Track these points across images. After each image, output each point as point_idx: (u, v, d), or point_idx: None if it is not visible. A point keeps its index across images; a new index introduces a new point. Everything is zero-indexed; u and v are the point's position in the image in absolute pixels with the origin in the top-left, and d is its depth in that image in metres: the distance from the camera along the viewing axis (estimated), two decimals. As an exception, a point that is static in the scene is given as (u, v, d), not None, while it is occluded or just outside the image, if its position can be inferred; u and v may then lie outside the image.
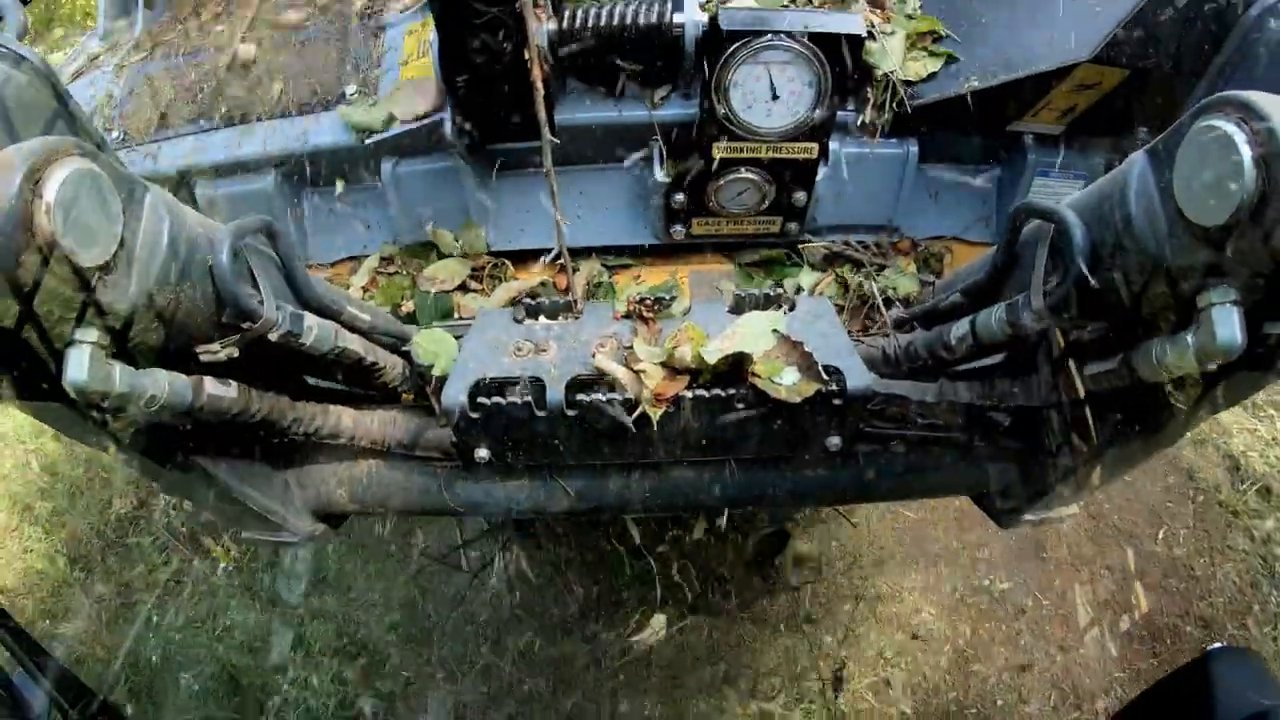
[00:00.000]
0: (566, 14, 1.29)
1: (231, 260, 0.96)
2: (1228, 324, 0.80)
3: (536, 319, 1.25)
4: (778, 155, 1.41)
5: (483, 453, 1.22)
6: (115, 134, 1.64)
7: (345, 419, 1.34)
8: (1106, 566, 2.92)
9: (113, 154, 1.19)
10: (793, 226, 1.55)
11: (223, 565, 2.99)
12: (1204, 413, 1.08)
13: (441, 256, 1.57)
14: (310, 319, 1.10)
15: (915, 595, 2.85)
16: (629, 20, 1.30)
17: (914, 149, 1.50)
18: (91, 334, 0.86)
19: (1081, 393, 1.07)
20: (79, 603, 2.95)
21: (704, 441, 1.19)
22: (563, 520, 2.62)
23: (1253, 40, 1.01)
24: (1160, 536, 3.00)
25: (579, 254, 1.57)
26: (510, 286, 1.52)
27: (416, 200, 1.55)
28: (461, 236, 1.57)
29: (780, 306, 1.22)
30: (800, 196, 1.48)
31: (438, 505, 1.42)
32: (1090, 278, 0.93)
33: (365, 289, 1.58)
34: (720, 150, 1.39)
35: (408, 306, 1.56)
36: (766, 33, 1.27)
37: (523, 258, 1.59)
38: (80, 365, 0.84)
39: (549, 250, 1.49)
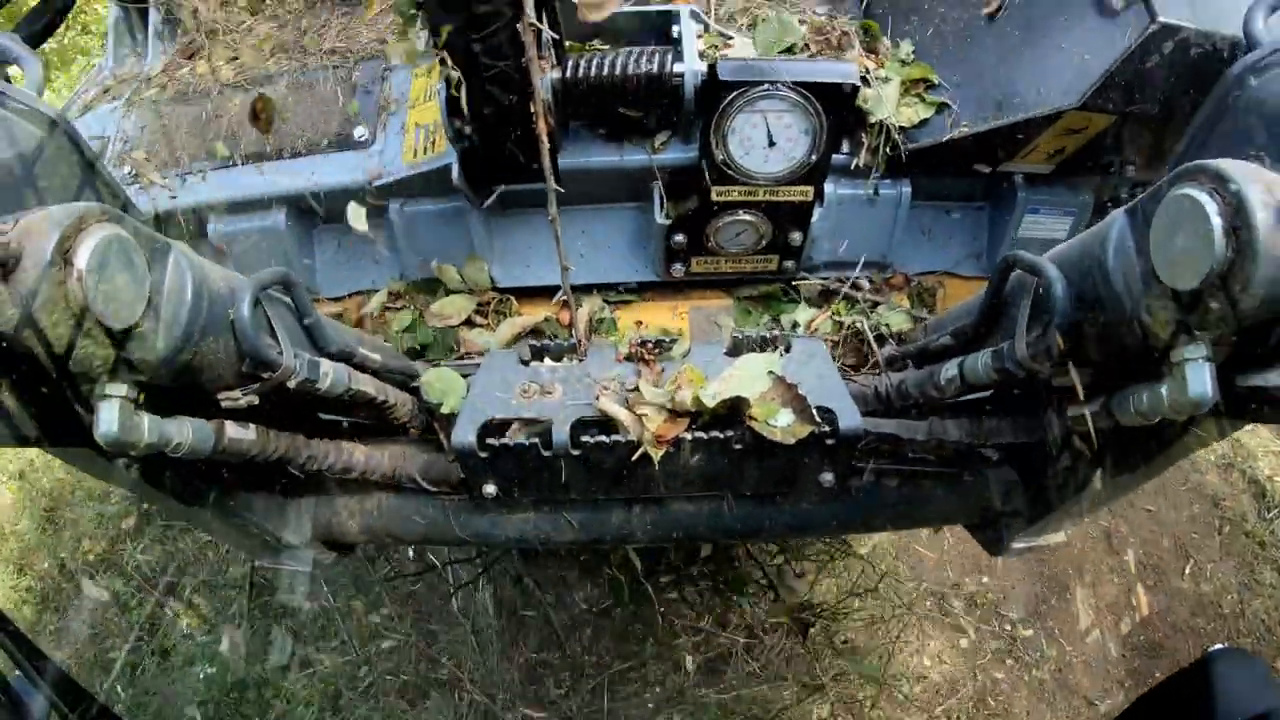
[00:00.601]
0: (570, 63, 1.34)
1: (252, 313, 1.01)
2: (1199, 380, 0.85)
3: (542, 360, 1.30)
4: (774, 198, 1.45)
5: (490, 489, 1.26)
6: (127, 169, 1.67)
7: (357, 455, 1.38)
8: (1132, 606, 2.89)
9: (136, 210, 1.24)
10: (789, 264, 1.59)
11: (184, 624, 2.91)
12: (1186, 450, 1.13)
13: (448, 292, 1.61)
14: (325, 364, 1.15)
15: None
16: (631, 70, 1.33)
17: (907, 190, 1.55)
18: (120, 388, 0.91)
19: (1064, 431, 1.12)
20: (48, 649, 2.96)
21: (703, 478, 1.24)
22: (566, 550, 2.64)
23: (1234, 98, 1.05)
24: (1187, 571, 2.95)
25: (581, 290, 1.61)
26: (515, 322, 1.56)
27: (423, 239, 1.59)
28: (465, 272, 1.62)
29: (776, 348, 1.26)
30: (796, 236, 1.52)
31: (446, 536, 1.46)
32: (1069, 330, 0.97)
33: (374, 323, 1.63)
34: (718, 194, 1.43)
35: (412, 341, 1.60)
36: (763, 83, 1.31)
37: (528, 293, 1.63)
38: (111, 418, 0.89)
39: (553, 286, 1.56)
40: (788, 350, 1.28)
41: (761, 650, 2.75)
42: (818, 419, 1.13)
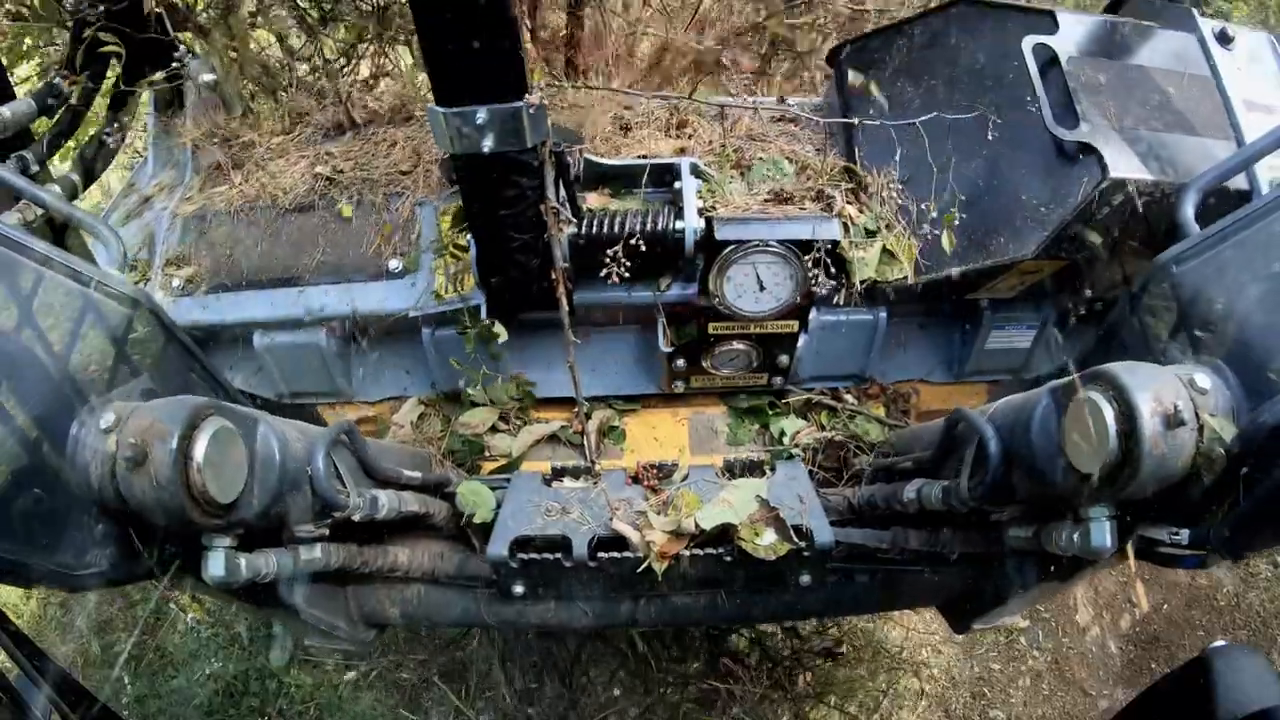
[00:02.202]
0: (585, 221, 1.52)
1: (326, 466, 1.22)
2: (1100, 534, 1.06)
3: (562, 480, 1.52)
4: (764, 330, 1.66)
5: (519, 589, 1.48)
6: (177, 283, 1.80)
7: (401, 557, 1.60)
8: (1131, 600, 2.94)
9: (228, 386, 1.43)
10: (778, 380, 1.80)
11: (191, 616, 2.96)
12: (1106, 567, 1.34)
13: (474, 404, 1.83)
14: (381, 497, 1.36)
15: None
16: (639, 227, 1.52)
17: (884, 315, 1.73)
18: (225, 540, 1.13)
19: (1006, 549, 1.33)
20: (52, 646, 2.96)
21: (700, 580, 1.46)
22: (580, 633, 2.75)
23: (1159, 283, 1.19)
24: (1182, 565, 3.08)
25: (593, 400, 1.83)
26: (533, 430, 1.80)
27: (452, 355, 1.77)
28: (489, 391, 1.81)
29: (763, 473, 1.49)
30: (784, 359, 1.72)
31: (476, 621, 1.68)
32: (1002, 478, 1.17)
33: (411, 429, 1.84)
34: (715, 328, 1.65)
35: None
36: (755, 242, 1.52)
37: (546, 403, 1.85)
38: (218, 565, 1.12)
39: (570, 398, 1.74)
40: (773, 471, 1.50)
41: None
42: (795, 538, 1.35)
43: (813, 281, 1.55)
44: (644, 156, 1.70)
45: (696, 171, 1.64)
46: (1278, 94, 1.60)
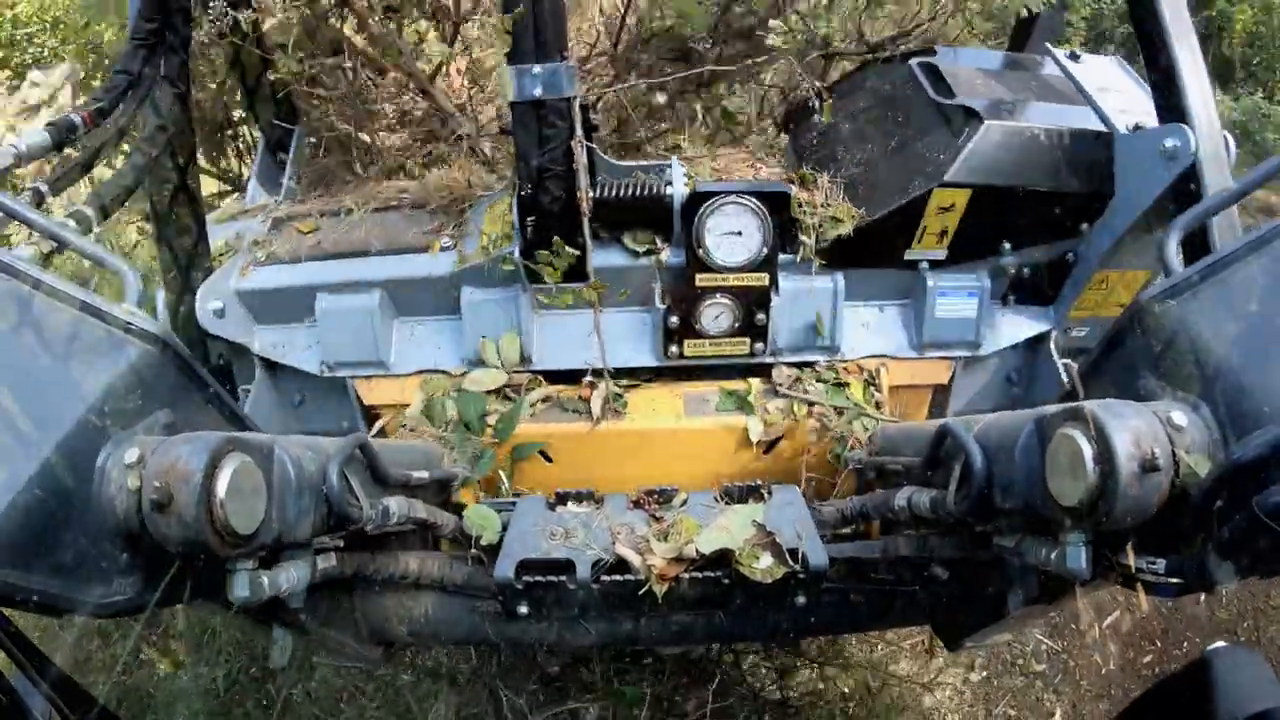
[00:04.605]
0: (600, 185, 1.85)
1: (339, 482, 1.27)
2: (1076, 558, 1.11)
3: (566, 505, 1.57)
4: (741, 284, 1.91)
5: (524, 609, 1.53)
6: (262, 255, 2.10)
7: (412, 564, 1.66)
8: (1131, 603, 2.99)
9: (241, 412, 1.49)
10: (759, 346, 2.00)
11: (162, 669, 2.93)
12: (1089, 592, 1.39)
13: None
14: (393, 505, 1.41)
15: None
16: (640, 191, 1.86)
17: (840, 279, 1.98)
18: (249, 563, 1.18)
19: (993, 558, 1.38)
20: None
21: (699, 601, 1.51)
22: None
23: (1142, 321, 1.25)
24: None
25: (598, 374, 1.98)
26: (537, 393, 1.98)
27: (484, 320, 2.00)
28: (501, 345, 2.00)
29: (760, 498, 1.54)
30: (761, 317, 1.95)
31: (482, 639, 1.73)
32: (987, 493, 1.22)
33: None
34: (701, 280, 1.90)
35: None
36: (728, 192, 1.83)
37: (553, 378, 2.03)
38: (243, 586, 1.17)
39: (577, 371, 2.00)
40: (769, 495, 1.55)
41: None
42: (790, 562, 1.40)
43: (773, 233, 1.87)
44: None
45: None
46: (1123, 86, 2.04)
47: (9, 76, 5.80)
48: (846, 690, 2.85)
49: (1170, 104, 1.70)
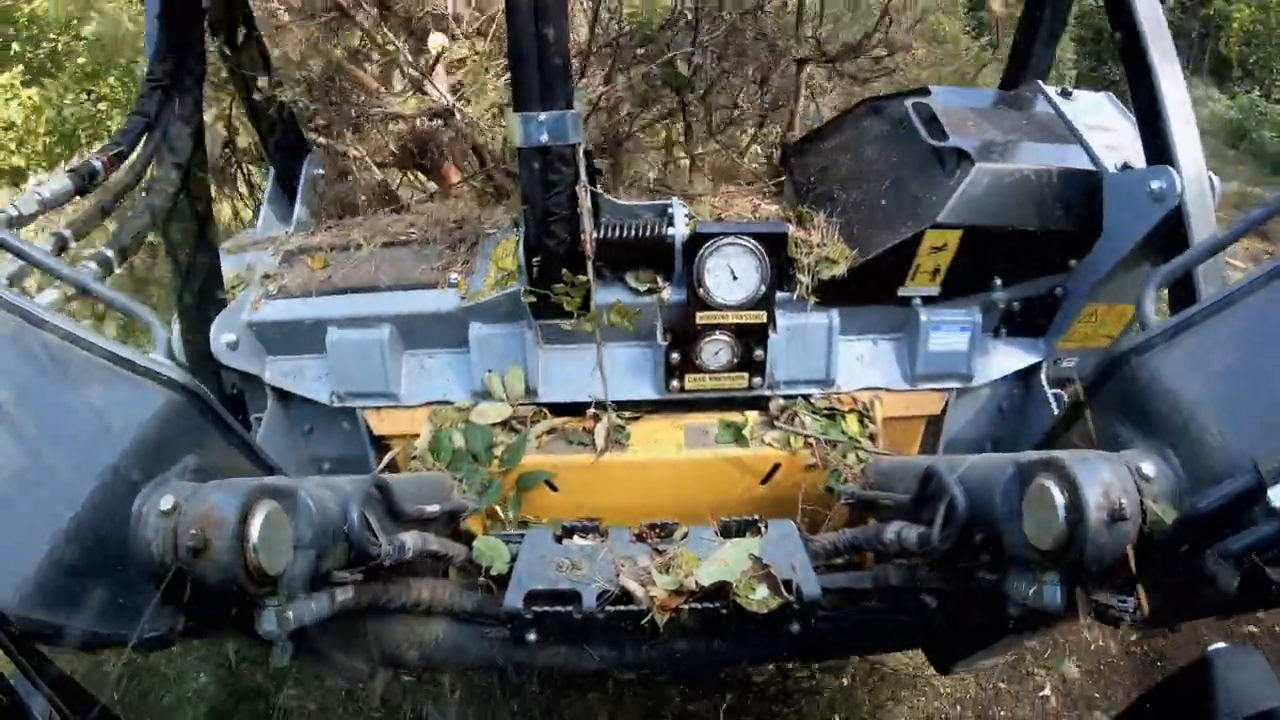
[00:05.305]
0: (603, 225, 1.92)
1: (360, 520, 1.34)
2: (1052, 595, 1.18)
3: (572, 538, 1.64)
4: (740, 321, 1.99)
5: (532, 636, 1.60)
6: (274, 288, 2.18)
7: (424, 592, 1.72)
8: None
9: (262, 453, 1.56)
10: (757, 380, 2.07)
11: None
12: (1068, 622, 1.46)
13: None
14: (408, 540, 1.48)
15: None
16: (642, 233, 1.94)
17: (835, 315, 2.07)
18: (276, 600, 1.24)
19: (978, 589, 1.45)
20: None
21: (699, 628, 1.58)
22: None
23: (1119, 372, 1.32)
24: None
25: (601, 406, 2.04)
26: (542, 425, 2.05)
27: (491, 354, 2.07)
28: (507, 380, 2.07)
29: (757, 532, 1.61)
30: (759, 354, 2.03)
31: (490, 664, 1.80)
32: (969, 531, 1.30)
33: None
34: (701, 318, 1.98)
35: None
36: (727, 234, 1.91)
37: (558, 410, 2.10)
38: (270, 621, 1.23)
39: (581, 403, 2.08)
40: (765, 529, 1.62)
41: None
42: (785, 593, 1.47)
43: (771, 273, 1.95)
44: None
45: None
46: (1113, 123, 2.12)
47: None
48: (845, 684, 2.90)
49: (1157, 146, 1.78)
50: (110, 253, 1.84)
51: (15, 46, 6.30)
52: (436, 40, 2.30)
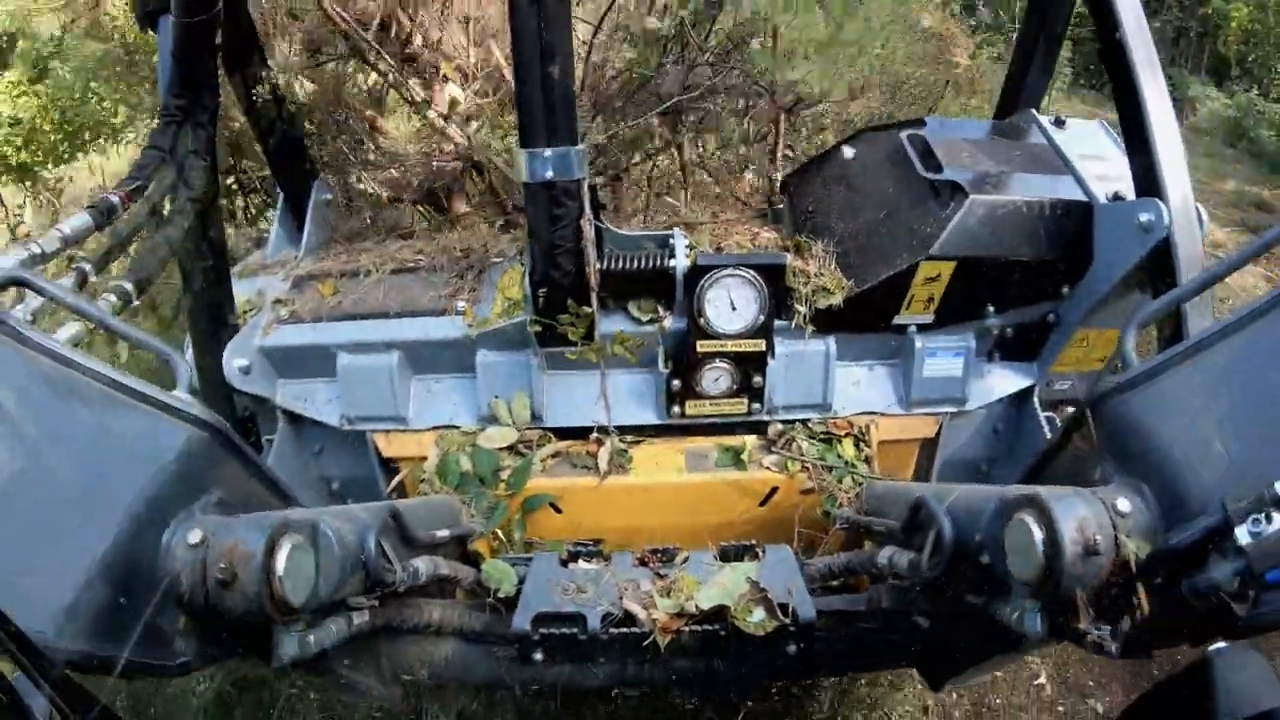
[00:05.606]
0: (606, 257, 1.98)
1: (375, 549, 1.40)
2: (1033, 622, 1.24)
3: (577, 562, 1.70)
4: (739, 349, 2.04)
5: (538, 656, 1.66)
6: (285, 313, 2.24)
7: (435, 613, 1.78)
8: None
9: (288, 489, 1.62)
10: (756, 406, 2.13)
11: None
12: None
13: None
14: (421, 566, 1.54)
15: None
16: (644, 264, 2.00)
17: (832, 343, 2.12)
18: (298, 626, 1.30)
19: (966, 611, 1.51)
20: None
21: (699, 649, 1.64)
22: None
23: (1098, 412, 1.38)
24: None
25: (604, 431, 2.12)
26: (547, 449, 2.11)
27: (497, 381, 2.12)
28: (513, 406, 2.13)
29: (755, 557, 1.67)
30: (758, 380, 2.08)
31: (498, 681, 1.86)
32: (956, 559, 1.36)
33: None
34: (701, 347, 2.04)
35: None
36: (726, 265, 1.97)
37: (562, 434, 2.15)
38: (291, 646, 1.29)
39: (584, 428, 2.14)
40: (763, 554, 1.68)
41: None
42: (781, 616, 1.53)
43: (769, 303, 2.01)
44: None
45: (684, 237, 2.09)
46: (1105, 152, 2.17)
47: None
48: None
49: (1147, 178, 1.83)
50: (129, 285, 1.90)
51: (20, 44, 6.35)
52: (452, 92, 2.37)
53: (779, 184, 2.59)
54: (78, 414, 1.23)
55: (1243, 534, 1.04)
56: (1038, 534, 1.13)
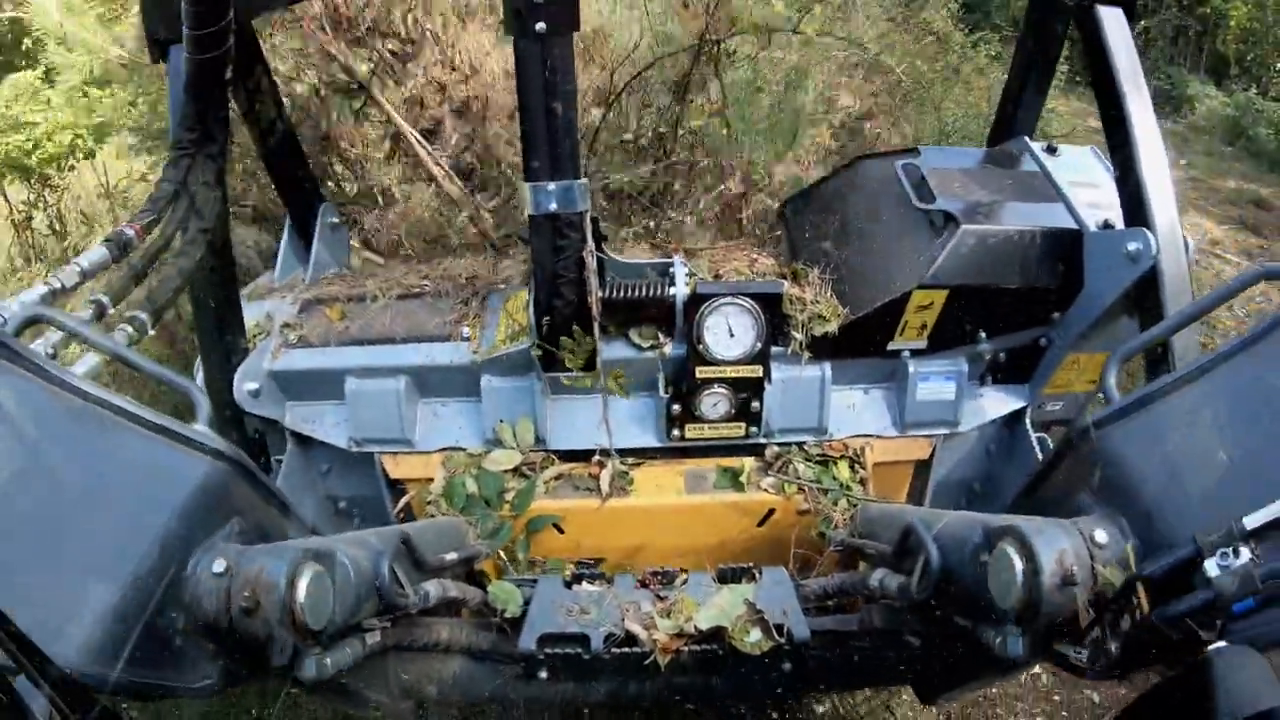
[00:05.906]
0: (608, 284, 2.04)
1: (389, 575, 1.46)
2: (1015, 646, 1.30)
3: (581, 584, 1.76)
4: (737, 375, 2.10)
5: (543, 674, 1.73)
6: (293, 337, 2.28)
7: (444, 632, 1.84)
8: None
9: (298, 517, 1.67)
10: (753, 430, 2.18)
11: None
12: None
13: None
14: (432, 589, 1.60)
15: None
16: (645, 292, 2.06)
17: (827, 368, 2.17)
18: (317, 649, 1.36)
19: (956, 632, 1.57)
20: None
21: (698, 666, 1.70)
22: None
23: (1080, 445, 1.44)
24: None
25: (606, 454, 2.17)
26: (550, 471, 2.17)
27: (501, 405, 2.18)
28: (518, 430, 2.19)
29: (752, 578, 1.73)
30: (755, 405, 2.13)
31: (503, 699, 1.92)
32: (943, 584, 1.42)
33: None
34: (700, 373, 2.09)
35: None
36: (725, 294, 2.02)
37: (565, 456, 2.20)
38: (310, 668, 1.35)
39: (586, 450, 2.18)
40: (760, 576, 1.74)
41: None
42: (777, 636, 1.59)
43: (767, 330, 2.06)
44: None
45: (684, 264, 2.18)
46: (1096, 179, 2.23)
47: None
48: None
49: (1135, 207, 1.88)
50: (144, 316, 1.96)
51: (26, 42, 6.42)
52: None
53: (777, 210, 2.66)
54: (101, 446, 1.29)
55: (1212, 567, 1.11)
56: (1019, 564, 1.20)
